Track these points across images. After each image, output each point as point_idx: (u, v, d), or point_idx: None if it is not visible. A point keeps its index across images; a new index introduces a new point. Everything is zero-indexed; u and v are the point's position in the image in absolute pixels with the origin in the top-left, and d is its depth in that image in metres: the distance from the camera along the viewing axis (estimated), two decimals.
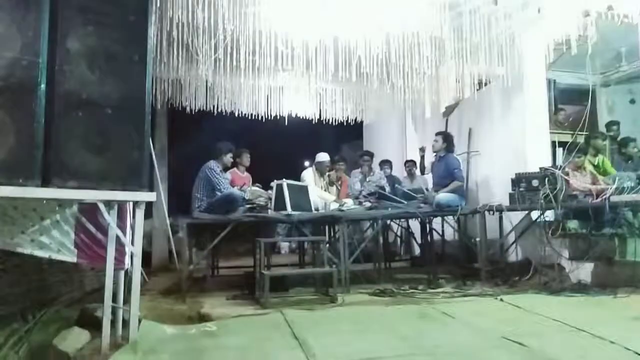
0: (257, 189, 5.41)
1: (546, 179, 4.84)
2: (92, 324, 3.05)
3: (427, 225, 5.96)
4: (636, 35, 5.08)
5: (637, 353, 2.53)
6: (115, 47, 2.67)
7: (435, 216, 5.77)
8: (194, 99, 6.52)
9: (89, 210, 2.88)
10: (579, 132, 5.71)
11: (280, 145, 13.34)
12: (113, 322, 2.93)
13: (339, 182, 6.71)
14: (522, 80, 5.77)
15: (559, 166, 5.10)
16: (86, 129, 2.57)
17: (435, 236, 6.23)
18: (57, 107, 2.44)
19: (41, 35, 2.39)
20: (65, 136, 2.48)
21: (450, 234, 6.51)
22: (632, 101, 7.51)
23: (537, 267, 5.02)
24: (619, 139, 6.70)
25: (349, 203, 5.62)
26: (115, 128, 2.66)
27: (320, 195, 5.79)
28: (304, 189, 5.27)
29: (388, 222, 6.81)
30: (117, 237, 2.86)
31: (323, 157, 6.33)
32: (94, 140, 2.59)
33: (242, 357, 2.66)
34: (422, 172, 6.99)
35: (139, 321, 3.01)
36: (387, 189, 6.39)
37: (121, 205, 2.99)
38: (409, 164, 7.31)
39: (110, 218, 2.77)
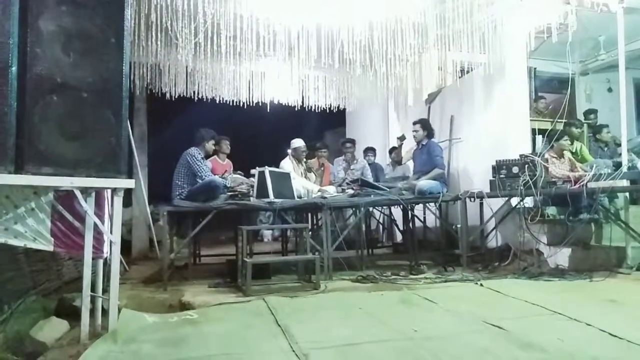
0: (238, 176, 5.36)
1: (526, 166, 4.90)
2: (71, 314, 3.01)
3: (409, 212, 5.99)
4: (615, 25, 5.14)
5: (612, 334, 2.60)
6: (90, 29, 2.58)
7: (417, 203, 5.81)
8: (173, 85, 6.41)
9: (66, 197, 2.80)
10: (559, 120, 5.78)
11: (263, 132, 13.24)
12: (92, 312, 2.88)
13: (322, 169, 6.69)
14: (503, 68, 5.80)
15: (538, 153, 5.17)
16: (61, 114, 2.49)
17: (417, 223, 6.28)
18: (30, 90, 2.36)
19: (11, 15, 2.29)
20: (39, 121, 2.40)
21: (431, 220, 6.57)
22: (610, 89, 7.64)
23: (517, 253, 5.10)
24: (595, 126, 6.84)
25: (330, 191, 5.62)
26: (91, 113, 2.59)
27: (305, 185, 5.77)
28: (286, 176, 5.24)
29: (370, 209, 6.83)
30: (96, 225, 2.80)
31: (298, 142, 6.30)
32: (69, 125, 2.51)
33: (224, 344, 2.64)
34: (400, 162, 7.01)
35: (119, 310, 2.97)
36: (370, 177, 6.41)
37: (99, 192, 2.92)
38: (394, 152, 7.33)
39: (87, 205, 2.71)
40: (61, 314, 3.04)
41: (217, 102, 6.97)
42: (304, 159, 6.41)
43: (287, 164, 6.13)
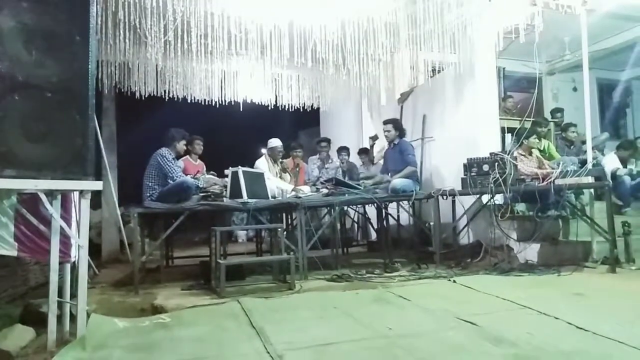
0: (211, 176, 5.29)
1: (496, 164, 5.00)
2: (38, 321, 2.92)
3: (383, 211, 6.04)
4: (579, 26, 5.30)
5: (578, 327, 2.67)
6: (54, 26, 2.50)
7: (391, 201, 5.86)
8: (143, 84, 6.29)
9: (30, 200, 2.71)
10: (527, 119, 5.93)
11: (236, 132, 13.13)
12: (60, 318, 2.80)
13: (297, 169, 6.67)
14: (473, 68, 5.90)
15: (507, 151, 5.28)
16: (24, 114, 2.40)
17: (391, 221, 6.33)
18: None
19: None
20: (0, 122, 2.30)
21: (405, 218, 6.64)
22: (575, 89, 7.90)
23: (488, 249, 5.21)
24: (562, 125, 7.04)
25: (305, 190, 5.60)
26: (56, 113, 2.50)
27: (279, 185, 5.74)
28: (260, 176, 5.20)
29: (345, 208, 6.85)
30: (62, 229, 2.71)
31: (275, 142, 6.26)
32: (32, 125, 2.43)
33: (197, 348, 2.60)
34: (372, 162, 7.05)
35: (88, 315, 2.89)
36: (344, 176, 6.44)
37: (65, 194, 2.83)
38: (363, 155, 7.37)
39: (52, 209, 2.62)
40: (27, 321, 2.94)
41: (189, 101, 6.88)
42: (280, 159, 6.38)
43: (262, 164, 6.09)
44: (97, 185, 2.74)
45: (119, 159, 7.14)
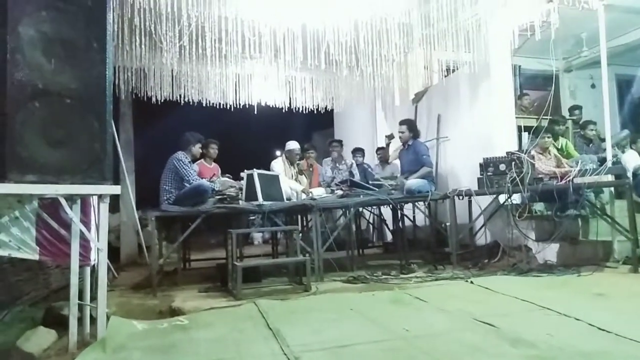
0: (227, 179, 5.33)
1: (513, 163, 4.94)
2: (59, 323, 2.96)
3: (399, 212, 6.01)
4: (596, 21, 5.21)
5: (600, 328, 2.63)
6: (72, 34, 2.55)
7: (406, 202, 5.83)
8: (159, 89, 6.38)
9: (50, 205, 2.76)
10: (544, 117, 5.84)
11: (250, 134, 13.23)
12: (80, 320, 2.84)
13: (310, 170, 6.68)
14: (488, 66, 5.84)
15: (524, 150, 5.21)
16: (44, 120, 2.45)
17: (407, 222, 6.30)
18: (11, 97, 2.32)
19: None
20: (21, 128, 2.36)
21: (421, 219, 6.60)
22: (593, 86, 7.75)
23: (505, 249, 5.14)
24: (580, 122, 6.92)
25: (317, 192, 5.60)
26: (75, 119, 2.55)
27: (291, 186, 5.75)
28: (275, 179, 5.22)
29: (360, 209, 6.84)
30: (82, 233, 2.76)
31: (293, 144, 6.27)
32: (52, 132, 2.48)
33: (215, 350, 2.62)
34: (387, 160, 7.03)
35: (108, 318, 2.93)
36: (357, 177, 6.44)
37: (84, 199, 2.88)
38: (380, 151, 7.34)
39: (72, 213, 2.67)
40: (49, 324, 3.00)
41: (204, 105, 6.95)
42: (297, 161, 6.40)
43: (278, 165, 6.11)
44: (116, 189, 2.78)
45: (136, 164, 7.25)
